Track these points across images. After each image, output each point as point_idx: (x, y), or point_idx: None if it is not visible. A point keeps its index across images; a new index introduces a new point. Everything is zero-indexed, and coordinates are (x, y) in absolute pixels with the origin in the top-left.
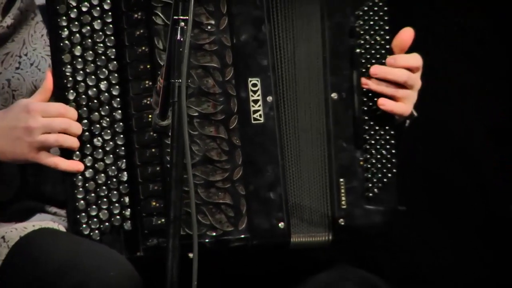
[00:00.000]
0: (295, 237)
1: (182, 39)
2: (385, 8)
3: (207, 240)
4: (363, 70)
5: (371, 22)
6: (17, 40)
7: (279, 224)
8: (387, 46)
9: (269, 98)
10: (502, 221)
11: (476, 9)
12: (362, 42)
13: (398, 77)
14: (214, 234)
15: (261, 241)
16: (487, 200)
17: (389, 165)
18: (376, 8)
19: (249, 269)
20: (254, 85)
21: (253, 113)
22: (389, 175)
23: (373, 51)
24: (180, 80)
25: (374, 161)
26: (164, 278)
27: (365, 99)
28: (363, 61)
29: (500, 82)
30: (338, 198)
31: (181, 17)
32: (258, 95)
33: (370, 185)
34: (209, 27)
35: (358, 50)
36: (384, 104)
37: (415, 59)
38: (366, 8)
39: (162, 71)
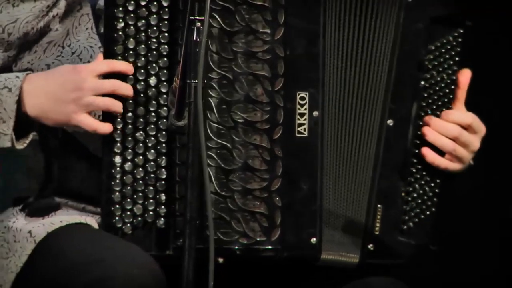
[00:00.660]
0: (325, 254)
1: (198, 39)
2: (458, 49)
3: (237, 247)
4: (423, 104)
5: (441, 59)
6: (61, 30)
7: (311, 240)
8: (452, 87)
9: (315, 113)
10: (502, 221)
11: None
12: (429, 76)
13: (449, 131)
14: (246, 242)
15: (291, 254)
16: (488, 200)
17: (429, 203)
18: (449, 46)
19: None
20: (302, 98)
21: (298, 126)
22: (427, 212)
23: (437, 88)
24: (196, 81)
25: (415, 195)
26: (180, 278)
27: (419, 132)
28: (425, 95)
29: (500, 81)
30: (373, 223)
31: (197, 17)
32: (305, 109)
33: (406, 217)
34: (264, 36)
35: (423, 83)
36: (426, 154)
37: (464, 116)
38: (439, 44)
39: (178, 71)
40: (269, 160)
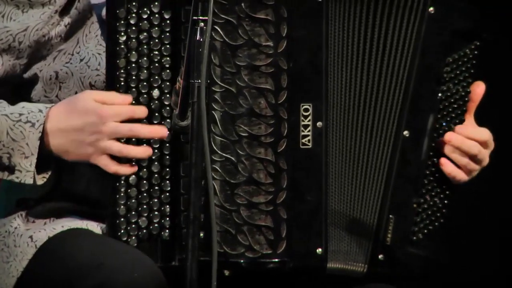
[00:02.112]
0: (332, 263)
1: (201, 39)
2: (474, 61)
3: (242, 261)
4: (439, 116)
5: (458, 72)
6: (72, 39)
7: (317, 250)
8: (466, 99)
9: (319, 124)
10: (503, 222)
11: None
12: (445, 88)
13: (470, 148)
14: (252, 255)
15: (297, 265)
16: (487, 200)
17: (438, 215)
18: (465, 59)
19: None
20: (306, 110)
21: (302, 138)
22: (437, 224)
23: (452, 100)
24: (199, 81)
25: (426, 206)
26: (184, 278)
27: (433, 144)
28: (441, 107)
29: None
30: (385, 234)
31: (200, 17)
32: (309, 120)
33: (416, 229)
34: (267, 49)
35: (440, 95)
36: (444, 164)
37: (482, 133)
38: (456, 57)
39: (181, 72)
40: (274, 173)
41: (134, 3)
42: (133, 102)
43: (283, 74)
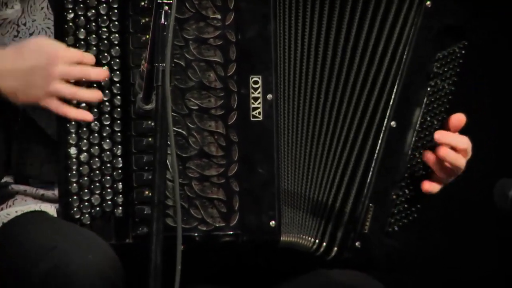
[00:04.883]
0: (285, 236)
1: (166, 23)
2: (461, 60)
3: (196, 234)
4: (424, 110)
5: (445, 69)
6: (16, 8)
7: (270, 223)
8: (450, 97)
9: (269, 96)
10: (503, 221)
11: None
12: (433, 84)
13: (459, 163)
14: (205, 229)
15: (250, 238)
16: (487, 199)
17: (413, 209)
18: (454, 57)
19: (240, 265)
20: (256, 82)
21: (252, 110)
22: (411, 218)
23: (437, 97)
24: (164, 64)
25: (403, 199)
26: (148, 262)
27: (417, 138)
28: (427, 102)
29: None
30: (363, 222)
31: (165, 1)
32: (259, 93)
33: (392, 220)
34: (215, 22)
35: (428, 89)
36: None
37: (463, 141)
38: (446, 54)
39: (145, 55)
40: (225, 146)
41: None
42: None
43: (232, 46)
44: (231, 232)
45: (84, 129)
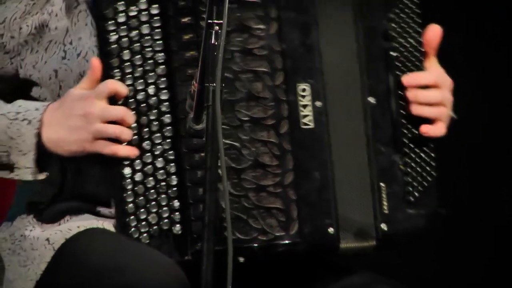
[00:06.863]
0: (343, 243)
1: (216, 43)
2: (417, 11)
3: (256, 245)
4: (398, 73)
5: (403, 25)
6: (60, 28)
7: (329, 229)
8: (421, 49)
9: (318, 103)
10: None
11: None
12: (396, 45)
13: (429, 98)
14: (265, 238)
15: (310, 246)
16: (487, 199)
17: (428, 168)
18: (407, 10)
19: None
20: (303, 90)
21: (302, 118)
22: (429, 178)
23: (407, 54)
24: (214, 84)
25: (413, 164)
26: (199, 282)
27: (402, 102)
28: (399, 64)
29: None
30: (380, 203)
31: (215, 21)
32: (308, 100)
33: (410, 188)
34: (258, 32)
35: (392, 53)
36: (427, 132)
37: (428, 76)
38: (397, 11)
39: (196, 75)
40: (279, 155)
41: (120, 2)
42: (131, 101)
43: (277, 55)
44: (291, 241)
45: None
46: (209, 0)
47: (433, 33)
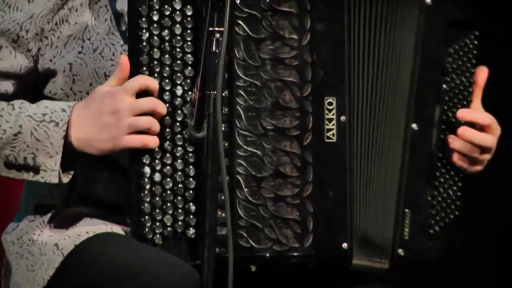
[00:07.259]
0: (356, 260)
1: (217, 51)
2: (475, 51)
3: (269, 255)
4: (445, 107)
5: (460, 62)
6: (80, 23)
7: (343, 245)
8: (470, 89)
9: (343, 118)
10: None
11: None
12: (449, 80)
13: (483, 142)
14: (279, 249)
15: (323, 260)
16: (487, 199)
17: (453, 206)
18: (466, 49)
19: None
20: (330, 103)
21: (327, 132)
22: (452, 216)
23: (457, 91)
24: (215, 92)
25: (440, 199)
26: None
27: (442, 136)
28: (447, 98)
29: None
30: (402, 228)
31: (216, 28)
32: (333, 114)
33: (433, 221)
34: (291, 42)
35: (445, 87)
36: (457, 162)
37: (485, 117)
38: (457, 47)
39: (197, 83)
40: (300, 166)
41: (155, 0)
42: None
43: (307, 66)
44: (304, 254)
45: (157, 149)
46: (210, 7)
47: (483, 75)
